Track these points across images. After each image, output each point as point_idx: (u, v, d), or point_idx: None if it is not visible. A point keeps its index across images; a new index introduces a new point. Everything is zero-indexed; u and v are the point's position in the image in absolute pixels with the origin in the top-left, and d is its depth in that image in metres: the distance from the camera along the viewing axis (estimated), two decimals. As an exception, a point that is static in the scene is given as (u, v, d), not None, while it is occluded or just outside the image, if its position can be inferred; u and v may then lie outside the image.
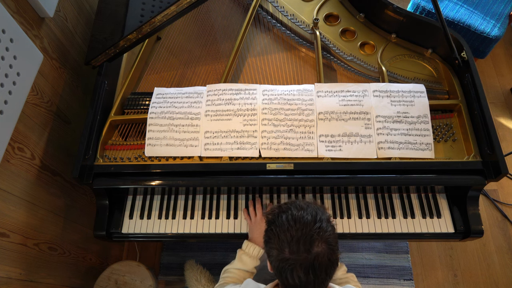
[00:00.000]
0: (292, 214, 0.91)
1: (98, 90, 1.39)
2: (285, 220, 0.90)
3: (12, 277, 1.21)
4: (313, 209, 0.93)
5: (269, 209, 1.02)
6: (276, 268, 0.91)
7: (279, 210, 0.95)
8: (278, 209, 0.96)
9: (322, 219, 0.91)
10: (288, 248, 0.87)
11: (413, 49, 1.58)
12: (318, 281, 0.88)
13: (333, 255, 0.89)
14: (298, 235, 0.87)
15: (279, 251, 0.89)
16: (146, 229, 1.40)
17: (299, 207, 0.93)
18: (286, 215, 0.92)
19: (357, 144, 1.32)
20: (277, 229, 0.91)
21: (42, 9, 1.26)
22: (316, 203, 0.98)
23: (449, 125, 1.40)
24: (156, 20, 1.35)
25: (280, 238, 0.89)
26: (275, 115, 1.35)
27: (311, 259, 0.86)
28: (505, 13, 2.09)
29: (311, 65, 1.57)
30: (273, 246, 0.91)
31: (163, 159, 1.34)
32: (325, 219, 0.92)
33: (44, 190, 1.36)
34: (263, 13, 1.65)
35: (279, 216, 0.93)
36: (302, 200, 0.99)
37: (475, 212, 1.33)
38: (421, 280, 2.00)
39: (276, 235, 0.90)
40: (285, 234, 0.88)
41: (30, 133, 1.27)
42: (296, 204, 0.95)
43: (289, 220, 0.90)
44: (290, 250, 0.87)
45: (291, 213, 0.91)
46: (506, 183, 2.22)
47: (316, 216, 0.90)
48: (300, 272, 0.86)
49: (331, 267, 0.90)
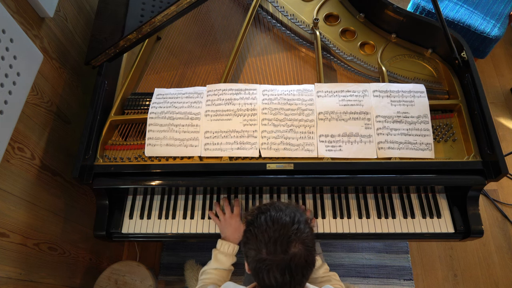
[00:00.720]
0: (270, 215, 0.92)
1: (98, 90, 1.39)
2: (264, 221, 0.92)
3: (12, 277, 1.21)
4: (292, 210, 0.94)
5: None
6: (253, 269, 0.92)
7: (258, 211, 0.96)
8: (257, 210, 0.97)
9: (300, 221, 0.92)
10: (266, 249, 0.88)
11: (413, 49, 1.58)
12: (294, 281, 0.89)
13: (309, 256, 0.91)
14: (276, 236, 0.88)
15: (256, 252, 0.90)
16: (146, 229, 1.40)
17: (278, 208, 0.94)
18: (265, 216, 0.93)
19: (357, 144, 1.32)
20: (255, 230, 0.92)
21: (42, 9, 1.26)
22: (295, 205, 0.99)
23: (449, 125, 1.40)
24: (156, 20, 1.35)
25: (258, 239, 0.90)
26: (275, 115, 1.35)
27: (287, 260, 0.87)
28: (505, 13, 2.09)
29: (311, 65, 1.57)
30: (251, 247, 0.92)
31: (163, 159, 1.34)
32: (303, 220, 0.93)
33: (44, 190, 1.36)
34: (263, 13, 1.65)
35: (258, 217, 0.94)
36: (282, 201, 1.01)
37: (475, 212, 1.33)
38: (421, 280, 2.00)
39: (254, 236, 0.91)
40: (263, 235, 0.89)
41: (30, 133, 1.27)
42: (275, 205, 0.96)
43: (267, 221, 0.91)
44: (267, 251, 0.88)
45: (270, 214, 0.92)
46: (506, 183, 2.22)
47: (294, 218, 0.92)
48: (277, 273, 0.87)
49: (308, 268, 0.91)
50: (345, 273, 2.01)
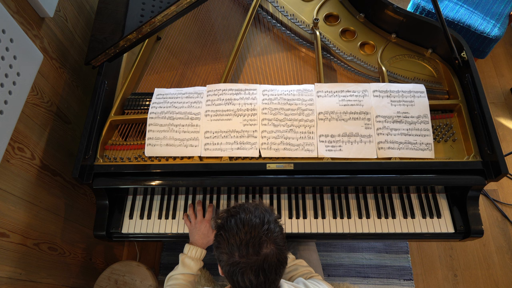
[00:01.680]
0: (240, 218, 0.93)
1: (98, 90, 1.39)
2: (234, 224, 0.92)
3: (12, 277, 1.21)
4: (261, 211, 0.95)
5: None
6: (227, 272, 0.92)
7: (228, 214, 0.97)
8: (227, 213, 0.98)
9: (270, 221, 0.93)
10: (238, 252, 0.89)
11: (413, 49, 1.58)
12: (269, 281, 0.90)
13: (281, 255, 0.92)
14: (247, 238, 0.89)
15: (229, 256, 0.90)
16: (146, 229, 1.40)
17: (247, 210, 0.95)
18: (234, 219, 0.93)
19: (357, 144, 1.32)
20: (226, 233, 0.92)
21: (42, 9, 1.26)
22: (263, 205, 1.00)
23: (449, 125, 1.40)
24: (156, 20, 1.35)
25: (230, 243, 0.91)
26: (275, 115, 1.35)
27: (260, 261, 0.88)
28: (505, 13, 2.09)
29: (311, 65, 1.57)
30: (223, 251, 0.92)
31: (163, 159, 1.34)
32: (272, 220, 0.94)
33: (44, 190, 1.36)
34: (263, 13, 1.65)
35: (228, 221, 0.95)
36: (250, 202, 1.01)
37: (475, 212, 1.33)
38: (421, 280, 2.00)
39: (226, 240, 0.92)
40: (234, 238, 0.90)
41: (30, 133, 1.27)
42: (244, 207, 0.97)
43: (237, 224, 0.92)
44: (240, 254, 0.89)
45: (240, 217, 0.93)
46: (506, 183, 2.22)
47: (264, 218, 0.93)
48: (251, 275, 0.88)
49: (281, 267, 0.93)
50: (345, 273, 2.01)
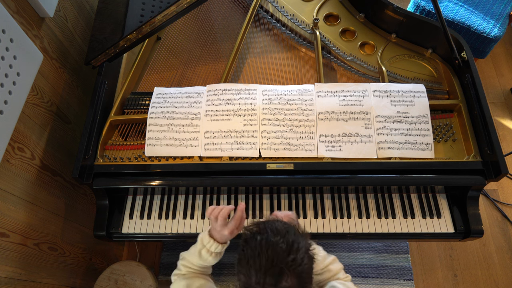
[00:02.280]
0: (266, 239, 0.85)
1: (98, 90, 1.39)
2: (258, 244, 0.84)
3: (12, 277, 1.21)
4: (292, 235, 0.86)
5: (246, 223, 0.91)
6: None
7: (257, 229, 0.89)
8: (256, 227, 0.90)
9: (299, 249, 0.84)
10: (255, 277, 0.82)
11: (413, 49, 1.58)
12: None
13: None
14: (268, 266, 0.81)
15: (246, 277, 0.84)
16: (146, 229, 1.40)
17: (276, 231, 0.86)
18: (260, 237, 0.85)
19: (357, 144, 1.32)
20: (248, 251, 0.85)
21: (42, 9, 1.26)
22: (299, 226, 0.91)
23: (449, 125, 1.40)
24: (156, 20, 1.35)
25: (249, 264, 0.83)
26: (275, 115, 1.35)
27: None
28: (505, 13, 2.09)
29: (311, 65, 1.57)
30: (242, 271, 0.86)
31: (163, 159, 1.34)
32: (303, 248, 0.85)
33: (44, 190, 1.36)
34: (263, 13, 1.65)
35: (253, 237, 0.87)
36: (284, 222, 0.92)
37: (475, 212, 1.33)
38: (421, 280, 2.00)
39: (246, 259, 0.85)
40: (255, 261, 0.83)
41: (30, 133, 1.27)
42: (275, 226, 0.88)
43: (262, 245, 0.84)
44: (257, 280, 0.82)
45: (266, 237, 0.85)
46: (506, 183, 2.22)
47: (292, 245, 0.83)
48: None
49: None
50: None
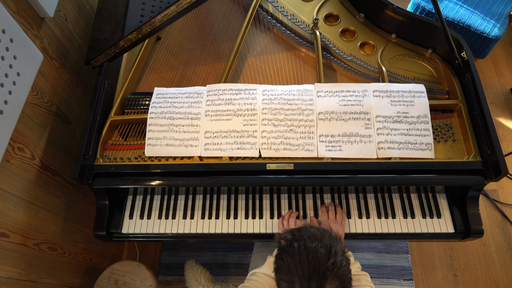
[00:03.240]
0: (305, 245, 0.86)
1: (98, 90, 1.39)
2: (297, 251, 0.85)
3: (12, 277, 1.21)
4: (328, 240, 0.88)
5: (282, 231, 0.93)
6: None
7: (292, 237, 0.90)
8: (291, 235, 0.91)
9: (337, 252, 0.86)
10: (299, 284, 0.82)
11: (413, 49, 1.58)
12: None
13: None
14: (310, 271, 0.82)
15: (288, 285, 0.84)
16: (146, 229, 1.40)
17: (313, 236, 0.88)
18: (298, 244, 0.86)
19: (357, 144, 1.32)
20: (288, 258, 0.86)
21: (42, 9, 1.26)
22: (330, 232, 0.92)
23: (449, 125, 1.40)
24: (156, 20, 1.35)
25: (291, 271, 0.84)
26: (275, 115, 1.35)
27: None
28: (505, 13, 2.09)
29: (311, 65, 1.57)
30: (283, 278, 0.86)
31: (163, 159, 1.34)
32: (340, 251, 0.87)
33: (44, 190, 1.36)
34: (263, 13, 1.65)
35: (291, 245, 0.88)
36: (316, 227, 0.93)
37: (475, 212, 1.33)
38: (421, 280, 2.00)
39: (287, 266, 0.85)
40: (296, 268, 0.84)
41: (30, 133, 1.27)
42: (310, 232, 0.90)
43: (301, 252, 0.85)
44: (301, 286, 0.82)
45: (305, 244, 0.86)
46: (506, 183, 2.22)
47: (330, 249, 0.85)
48: None
49: None
50: (345, 273, 2.01)
